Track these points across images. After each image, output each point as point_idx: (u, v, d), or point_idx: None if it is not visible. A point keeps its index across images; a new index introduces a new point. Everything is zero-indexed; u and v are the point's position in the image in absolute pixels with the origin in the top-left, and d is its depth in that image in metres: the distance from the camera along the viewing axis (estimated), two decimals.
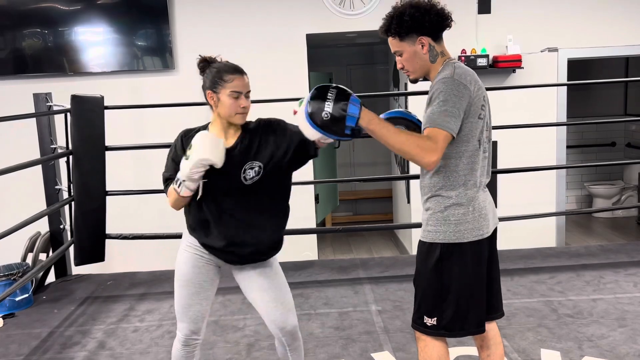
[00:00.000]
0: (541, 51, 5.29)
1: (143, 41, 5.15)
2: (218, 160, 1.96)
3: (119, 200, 4.16)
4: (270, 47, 5.22)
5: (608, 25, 5.32)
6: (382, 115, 2.14)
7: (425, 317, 1.99)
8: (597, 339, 2.92)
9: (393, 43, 1.97)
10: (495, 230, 2.07)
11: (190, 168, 1.93)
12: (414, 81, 2.04)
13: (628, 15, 5.31)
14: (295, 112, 1.88)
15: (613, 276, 3.76)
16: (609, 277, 3.74)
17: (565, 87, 5.39)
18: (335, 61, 7.45)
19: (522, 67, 5.16)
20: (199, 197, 2.04)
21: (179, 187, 1.99)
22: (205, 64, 2.09)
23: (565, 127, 5.49)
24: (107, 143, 3.95)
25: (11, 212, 3.59)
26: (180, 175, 1.97)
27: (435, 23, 1.92)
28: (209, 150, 1.94)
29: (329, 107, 1.80)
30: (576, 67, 5.50)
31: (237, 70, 2.06)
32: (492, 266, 2.07)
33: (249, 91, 2.08)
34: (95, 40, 5.09)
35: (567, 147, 5.60)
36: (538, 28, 5.28)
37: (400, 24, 1.91)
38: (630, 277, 3.73)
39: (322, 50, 7.12)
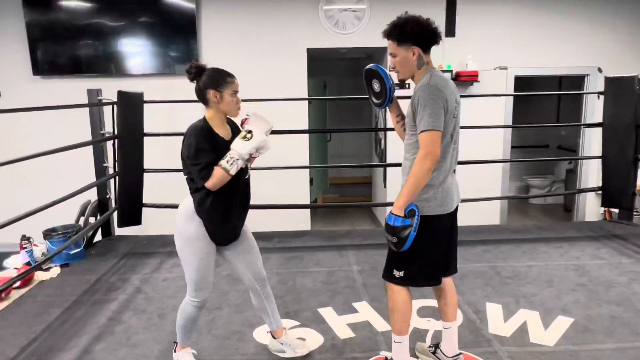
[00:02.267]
0: (494, 69, 5.30)
1: (175, 51, 5.13)
2: (268, 145, 2.02)
3: (154, 176, 4.13)
4: (277, 57, 5.20)
5: (547, 51, 5.35)
6: (372, 65, 2.15)
7: (394, 270, 2.02)
8: (531, 296, 2.96)
9: (391, 45, 1.97)
10: (457, 207, 2.09)
11: (251, 148, 1.95)
12: (401, 81, 2.06)
13: (562, 44, 5.34)
14: None
15: (544, 248, 3.79)
16: (541, 249, 3.78)
17: (512, 98, 5.41)
18: (329, 72, 7.42)
19: (479, 81, 5.18)
20: (247, 175, 2.05)
21: (230, 165, 1.94)
22: (199, 69, 2.04)
23: (510, 130, 5.52)
24: (145, 130, 3.92)
25: (69, 184, 3.56)
26: (234, 155, 1.94)
27: (428, 38, 1.93)
28: (264, 136, 1.99)
29: (393, 239, 1.93)
30: (521, 83, 5.51)
31: (233, 74, 2.07)
32: (452, 234, 2.10)
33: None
34: (136, 49, 5.08)
35: (512, 147, 5.64)
36: (492, 50, 5.30)
37: (402, 32, 1.92)
38: (558, 249, 3.77)
39: (319, 63, 7.08)
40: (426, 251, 1.98)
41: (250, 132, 1.97)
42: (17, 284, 3.16)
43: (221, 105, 2.03)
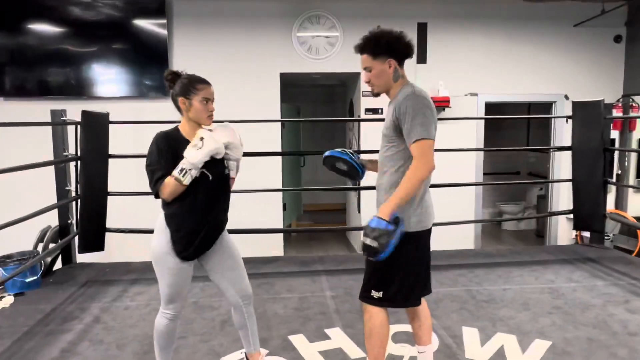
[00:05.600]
0: (465, 95, 5.38)
1: (146, 75, 5.03)
2: (222, 151, 1.94)
3: (120, 200, 3.98)
4: (250, 82, 5.15)
5: (516, 78, 5.47)
6: (326, 153, 2.20)
7: (372, 290, 1.93)
8: (507, 319, 2.90)
9: (366, 60, 1.92)
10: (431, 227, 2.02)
11: (203, 156, 1.86)
12: (376, 95, 2.01)
13: (530, 72, 5.48)
14: None
15: (519, 271, 3.77)
16: (515, 272, 3.75)
17: (483, 125, 5.48)
18: (303, 98, 7.44)
19: (450, 107, 5.24)
20: (211, 178, 1.95)
21: (183, 176, 1.86)
22: (175, 76, 1.99)
23: (482, 157, 5.57)
24: (112, 152, 3.78)
25: (28, 207, 3.36)
26: (185, 164, 1.86)
27: (403, 50, 1.91)
28: (217, 141, 1.90)
29: (373, 243, 1.77)
30: (492, 109, 5.61)
31: (206, 81, 2.01)
32: (429, 253, 2.02)
33: (214, 99, 2.02)
34: (107, 75, 4.98)
35: (484, 173, 5.68)
36: (463, 77, 5.39)
37: (377, 44, 1.89)
38: (532, 272, 3.74)
39: (293, 89, 7.10)
40: (406, 270, 1.90)
41: (201, 139, 1.89)
42: None
43: (190, 112, 1.97)
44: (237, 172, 2.14)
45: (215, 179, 1.98)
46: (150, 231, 2.03)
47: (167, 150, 1.91)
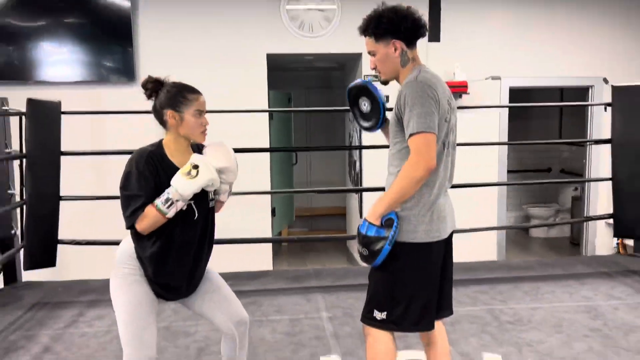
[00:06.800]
0: (485, 79, 5.38)
1: (106, 56, 5.00)
2: (218, 183, 1.92)
3: (74, 205, 3.95)
4: (231, 64, 5.13)
5: (545, 58, 5.48)
6: (358, 81, 2.17)
7: (375, 310, 1.92)
8: (536, 344, 2.90)
9: (369, 43, 1.95)
10: (452, 234, 2.00)
11: (196, 188, 1.83)
12: (385, 82, 2.02)
13: (562, 49, 5.49)
14: None
15: (549, 287, 3.78)
16: (545, 288, 3.76)
17: (507, 114, 5.48)
18: (294, 84, 7.43)
19: (468, 93, 5.23)
20: (196, 216, 1.92)
21: (168, 207, 1.81)
22: (157, 84, 1.95)
23: (506, 151, 5.57)
24: (64, 148, 3.75)
25: None
26: (173, 195, 1.81)
27: (410, 29, 1.91)
28: (213, 172, 1.87)
29: (363, 251, 1.91)
30: (517, 96, 5.61)
31: (197, 90, 1.98)
32: (446, 267, 2.01)
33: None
34: (59, 55, 4.92)
35: (508, 171, 5.69)
36: (483, 57, 5.39)
37: (378, 25, 1.90)
38: (566, 288, 3.76)
39: (283, 73, 7.09)
40: (414, 288, 1.89)
41: (196, 167, 1.83)
42: None
43: (181, 128, 1.93)
44: (229, 196, 2.12)
45: (202, 216, 1.96)
46: (111, 243, 1.99)
47: (148, 176, 1.85)
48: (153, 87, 1.95)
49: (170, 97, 1.92)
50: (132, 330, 1.91)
